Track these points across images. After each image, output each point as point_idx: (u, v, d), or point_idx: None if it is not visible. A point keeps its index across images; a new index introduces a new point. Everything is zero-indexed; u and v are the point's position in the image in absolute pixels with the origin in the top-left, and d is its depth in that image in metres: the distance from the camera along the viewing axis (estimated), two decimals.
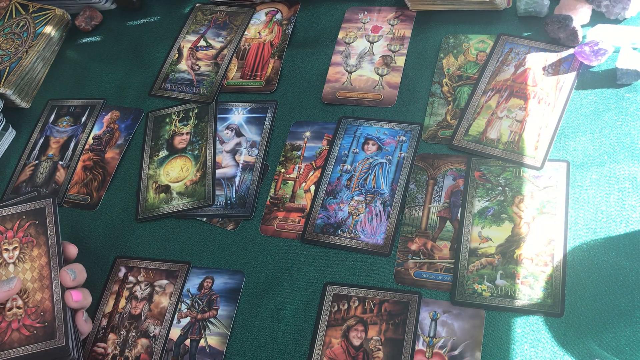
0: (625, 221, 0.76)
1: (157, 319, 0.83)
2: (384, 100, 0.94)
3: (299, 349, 0.78)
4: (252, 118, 0.98)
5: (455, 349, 0.73)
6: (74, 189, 0.98)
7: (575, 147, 0.82)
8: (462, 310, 0.75)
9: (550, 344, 0.71)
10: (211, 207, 0.91)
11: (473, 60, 0.93)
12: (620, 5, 0.88)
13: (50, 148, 1.04)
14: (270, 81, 1.00)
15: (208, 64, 1.05)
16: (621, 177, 0.79)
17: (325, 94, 0.97)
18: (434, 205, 0.83)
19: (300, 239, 0.85)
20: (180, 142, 0.98)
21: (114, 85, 1.09)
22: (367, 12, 1.03)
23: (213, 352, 0.80)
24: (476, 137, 0.86)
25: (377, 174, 0.87)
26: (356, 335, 0.76)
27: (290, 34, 1.04)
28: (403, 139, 0.89)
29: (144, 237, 0.91)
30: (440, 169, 0.85)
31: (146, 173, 0.97)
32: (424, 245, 0.80)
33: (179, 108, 1.02)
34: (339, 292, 0.80)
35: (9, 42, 1.11)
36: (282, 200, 0.89)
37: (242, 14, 1.10)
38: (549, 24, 0.89)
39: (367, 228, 0.83)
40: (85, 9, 1.17)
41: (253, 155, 0.94)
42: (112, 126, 1.04)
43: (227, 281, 0.84)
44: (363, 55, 0.99)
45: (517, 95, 0.88)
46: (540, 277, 0.75)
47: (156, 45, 1.11)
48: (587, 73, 0.87)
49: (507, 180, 0.82)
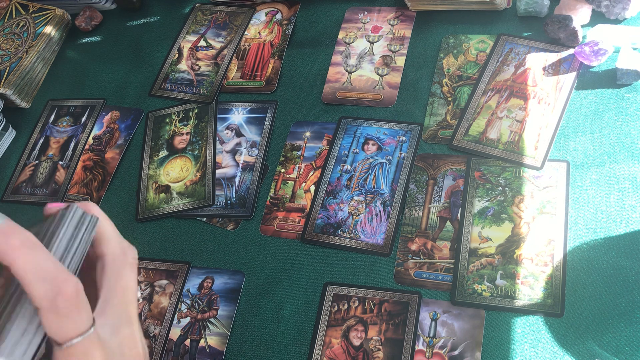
0: (625, 221, 0.76)
1: (157, 319, 0.83)
2: (384, 100, 0.94)
3: (299, 349, 0.78)
4: (252, 118, 0.98)
5: (455, 349, 0.73)
6: (74, 189, 0.98)
7: (575, 147, 0.82)
8: (462, 310, 0.75)
9: (550, 344, 0.71)
10: (211, 207, 0.91)
11: (473, 60, 0.93)
12: (620, 5, 0.88)
13: (50, 148, 1.04)
14: (270, 81, 1.00)
15: (208, 64, 1.05)
16: (621, 177, 0.79)
17: (325, 94, 0.97)
18: (434, 205, 0.83)
19: (300, 239, 0.85)
20: (180, 142, 0.98)
21: (114, 85, 1.09)
22: (367, 12, 1.03)
23: (213, 352, 0.80)
24: (476, 137, 0.86)
25: (377, 174, 0.87)
26: (356, 335, 0.76)
27: (290, 34, 1.04)
28: (403, 139, 0.89)
29: (144, 237, 0.91)
30: (440, 169, 0.85)
31: (146, 173, 0.97)
32: (424, 245, 0.80)
33: (179, 108, 1.02)
34: (339, 292, 0.80)
35: (9, 42, 1.11)
36: (282, 200, 0.89)
37: (242, 14, 1.10)
38: (549, 24, 0.89)
39: (367, 228, 0.83)
40: (85, 9, 1.17)
41: (253, 155, 0.94)
42: (112, 126, 1.04)
43: (227, 281, 0.84)
44: (363, 55, 0.99)
45: (517, 95, 0.88)
46: (540, 277, 0.75)
47: (156, 45, 1.11)
48: (587, 73, 0.87)
49: (507, 180, 0.82)
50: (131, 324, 0.46)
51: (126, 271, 0.48)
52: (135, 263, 0.49)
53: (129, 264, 0.48)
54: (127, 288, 0.47)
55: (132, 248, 0.49)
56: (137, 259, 0.49)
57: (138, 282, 0.86)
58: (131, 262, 0.48)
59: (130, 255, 0.49)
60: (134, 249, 0.49)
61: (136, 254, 0.49)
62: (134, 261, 0.49)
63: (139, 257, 0.49)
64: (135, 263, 0.49)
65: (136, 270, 0.49)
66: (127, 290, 0.47)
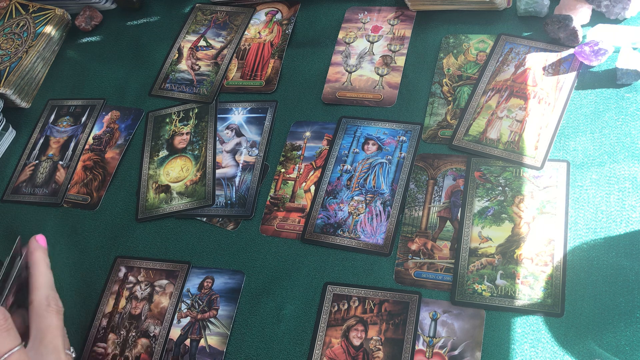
0: (625, 221, 0.76)
1: (157, 319, 0.83)
2: (384, 100, 0.94)
3: (299, 349, 0.78)
4: (252, 118, 0.98)
5: (455, 349, 0.73)
6: (74, 189, 0.98)
7: (575, 147, 0.82)
8: (462, 310, 0.75)
9: (550, 344, 0.71)
10: (211, 207, 0.91)
11: (473, 60, 0.93)
12: (620, 5, 0.88)
13: (50, 148, 1.04)
14: (270, 81, 1.00)
15: (208, 64, 1.05)
16: (621, 177, 0.79)
17: (325, 94, 0.97)
18: (434, 205, 0.83)
19: (300, 239, 0.85)
20: (180, 142, 0.98)
21: (114, 85, 1.09)
22: (367, 12, 1.03)
23: (213, 352, 0.80)
24: (476, 137, 0.86)
25: (377, 174, 0.87)
26: (356, 335, 0.76)
27: (290, 34, 1.04)
28: (403, 139, 0.89)
29: (144, 237, 0.91)
30: (440, 169, 0.85)
31: (146, 173, 0.97)
32: (424, 245, 0.80)
33: (179, 108, 1.02)
34: (339, 292, 0.80)
35: (9, 42, 1.11)
36: (282, 200, 0.89)
37: (242, 14, 1.10)
38: (549, 24, 0.89)
39: (367, 228, 0.83)
40: (85, 9, 1.17)
41: (253, 155, 0.94)
42: (112, 126, 1.04)
43: (227, 281, 0.84)
44: (363, 55, 0.99)
45: (517, 95, 0.88)
46: (540, 277, 0.75)
47: (156, 45, 1.11)
48: (587, 73, 0.87)
49: (507, 180, 0.82)
50: (58, 353, 0.63)
51: (49, 315, 0.64)
52: (59, 309, 0.65)
53: (51, 310, 0.64)
54: (51, 327, 0.63)
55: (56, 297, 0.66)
56: (61, 306, 0.65)
57: (138, 282, 0.86)
58: (54, 308, 0.65)
59: (52, 303, 0.65)
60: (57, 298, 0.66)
61: (59, 302, 0.66)
62: (58, 308, 0.65)
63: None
64: (60, 310, 0.65)
65: (61, 314, 0.65)
66: (52, 328, 0.63)
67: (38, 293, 0.65)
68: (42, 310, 0.64)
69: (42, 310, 0.64)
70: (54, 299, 0.65)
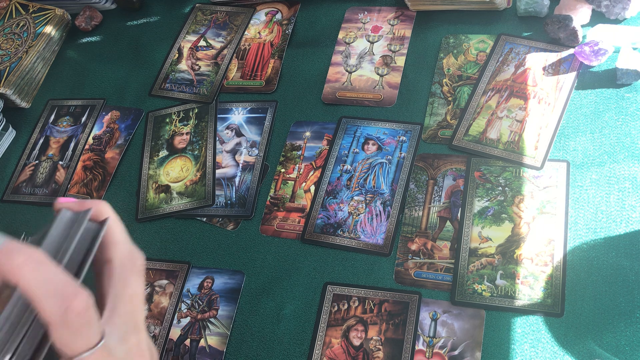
0: (625, 221, 0.76)
1: (157, 319, 0.83)
2: (384, 100, 0.94)
3: (299, 349, 0.78)
4: (252, 118, 0.98)
5: (455, 349, 0.73)
6: (74, 189, 0.98)
7: (575, 147, 0.82)
8: (462, 310, 0.75)
9: (550, 344, 0.71)
10: (211, 207, 0.91)
11: (473, 60, 0.93)
12: (620, 5, 0.88)
13: (50, 148, 1.04)
14: (270, 81, 1.00)
15: (208, 64, 1.05)
16: (621, 177, 0.79)
17: (325, 94, 0.97)
18: (434, 205, 0.83)
19: (300, 239, 0.85)
20: (180, 142, 0.98)
21: (114, 85, 1.09)
22: (367, 12, 1.03)
23: (213, 352, 0.80)
24: (476, 137, 0.86)
25: (377, 174, 0.87)
26: (356, 335, 0.76)
27: (290, 34, 1.04)
28: (403, 139, 0.89)
29: (144, 237, 0.91)
30: (440, 169, 0.85)
31: (146, 173, 0.97)
32: (424, 245, 0.80)
33: (179, 108, 1.02)
34: (339, 292, 0.80)
35: (9, 42, 1.11)
36: (282, 200, 0.89)
37: (242, 14, 1.10)
38: (549, 24, 0.89)
39: (367, 228, 0.83)
40: (85, 9, 1.17)
41: (253, 155, 0.94)
42: (112, 126, 1.04)
43: (227, 281, 0.84)
44: (363, 55, 0.98)
45: (517, 95, 0.88)
46: (540, 277, 0.75)
47: (156, 45, 1.11)
48: (587, 73, 0.87)
49: (507, 180, 0.82)
50: (138, 331, 0.45)
51: (134, 278, 0.46)
52: (142, 270, 0.47)
53: (136, 271, 0.47)
54: (135, 295, 0.46)
55: (140, 254, 0.48)
56: (144, 265, 0.48)
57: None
58: (139, 268, 0.47)
59: (138, 262, 0.47)
60: (141, 255, 0.48)
61: (143, 260, 0.48)
62: (142, 267, 0.47)
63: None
64: (143, 269, 0.47)
65: (143, 277, 0.48)
66: (135, 298, 0.46)
67: (119, 249, 0.47)
68: (126, 271, 0.46)
69: (126, 271, 0.46)
70: (139, 257, 0.48)
